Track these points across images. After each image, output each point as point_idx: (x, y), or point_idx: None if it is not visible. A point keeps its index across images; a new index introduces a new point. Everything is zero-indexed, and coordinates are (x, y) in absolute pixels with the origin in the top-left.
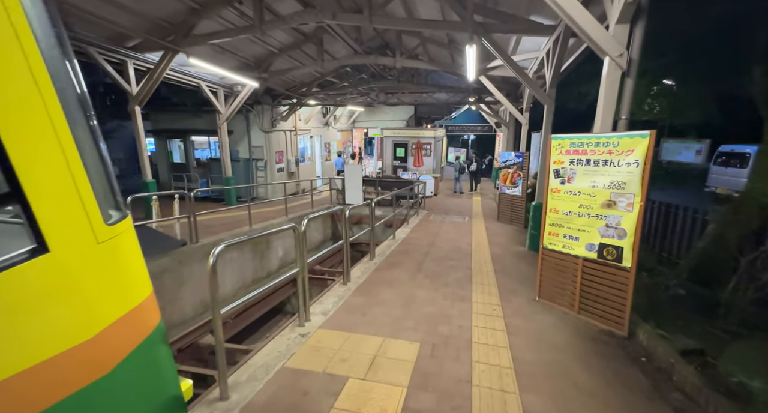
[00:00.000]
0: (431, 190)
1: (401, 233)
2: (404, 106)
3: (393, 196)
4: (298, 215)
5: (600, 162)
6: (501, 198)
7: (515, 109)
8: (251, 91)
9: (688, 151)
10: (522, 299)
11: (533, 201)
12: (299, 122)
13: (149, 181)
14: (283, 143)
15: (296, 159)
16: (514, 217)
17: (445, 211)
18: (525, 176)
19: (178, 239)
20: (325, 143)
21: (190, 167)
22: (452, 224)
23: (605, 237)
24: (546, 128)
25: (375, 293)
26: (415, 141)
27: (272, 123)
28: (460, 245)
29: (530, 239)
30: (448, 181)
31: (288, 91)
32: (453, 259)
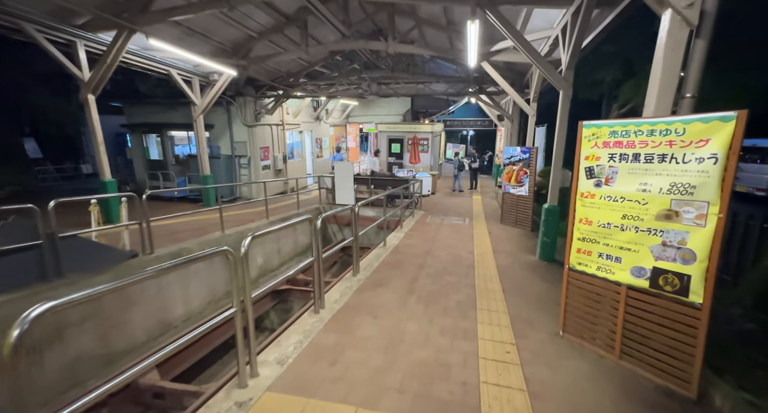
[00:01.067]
0: (428, 188)
1: (393, 238)
2: (400, 100)
3: (385, 196)
4: (282, 217)
5: (655, 157)
6: (504, 198)
7: (521, 99)
8: (229, 80)
9: None
10: (542, 333)
11: (545, 204)
12: (287, 116)
13: (107, 180)
14: (268, 139)
15: (284, 156)
16: (519, 219)
17: (444, 211)
18: (532, 173)
19: (125, 250)
20: (316, 139)
21: (168, 164)
22: (451, 228)
23: (662, 260)
24: (562, 117)
25: (353, 326)
26: (412, 136)
27: (256, 117)
28: (460, 253)
29: (542, 248)
30: (446, 178)
31: (273, 82)
32: (453, 274)
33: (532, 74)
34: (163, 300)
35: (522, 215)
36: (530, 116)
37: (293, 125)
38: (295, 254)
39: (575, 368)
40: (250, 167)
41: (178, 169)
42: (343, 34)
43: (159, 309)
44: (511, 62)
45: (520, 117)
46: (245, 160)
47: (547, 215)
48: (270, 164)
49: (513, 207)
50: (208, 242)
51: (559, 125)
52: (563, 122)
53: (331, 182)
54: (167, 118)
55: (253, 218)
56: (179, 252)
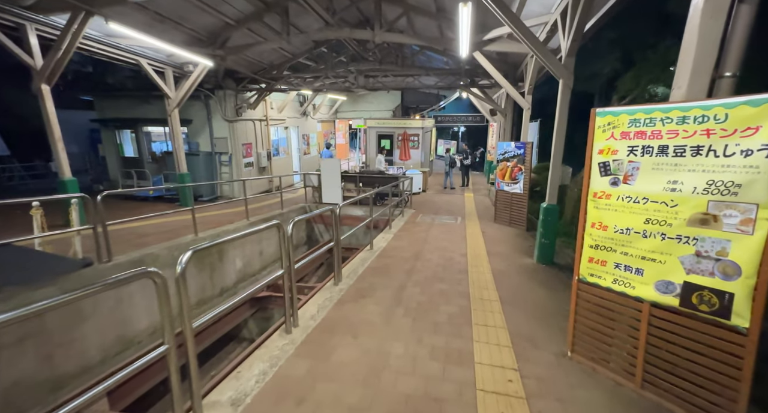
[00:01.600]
0: (419, 186)
1: (381, 240)
2: (390, 95)
3: (372, 196)
4: (264, 218)
5: (687, 150)
6: (498, 196)
7: (516, 91)
8: (205, 72)
9: None
10: (547, 354)
11: (544, 203)
12: (271, 111)
13: (67, 180)
14: (251, 134)
15: (268, 152)
16: (514, 218)
17: (435, 210)
18: (528, 170)
19: (77, 259)
20: (303, 135)
21: (144, 161)
22: (443, 228)
23: (696, 274)
24: (561, 108)
25: (329, 350)
26: (402, 132)
27: (237, 111)
28: (452, 256)
29: (540, 250)
30: (437, 175)
31: (255, 75)
32: (444, 280)
33: (527, 65)
34: (123, 313)
35: (517, 213)
36: (525, 110)
37: (278, 120)
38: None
39: (591, 401)
40: (231, 165)
41: (154, 167)
42: (327, 22)
43: (118, 323)
44: (504, 53)
45: (514, 111)
46: (226, 157)
47: (545, 215)
48: (253, 161)
49: (507, 205)
50: (179, 246)
51: (558, 117)
52: (563, 113)
53: (318, 180)
54: (142, 112)
55: (232, 219)
56: (141, 260)
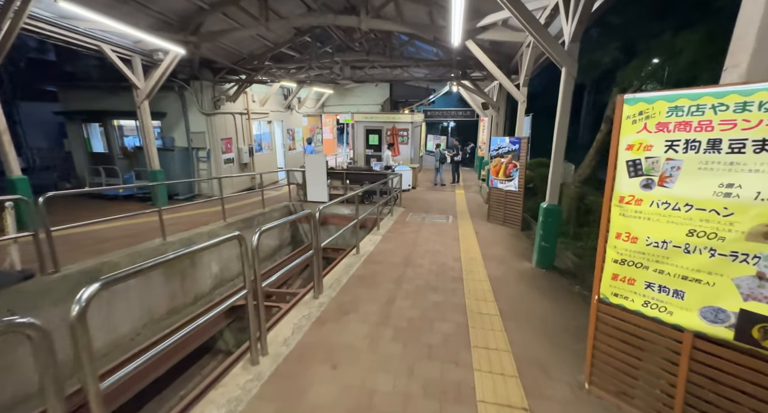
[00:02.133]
0: (409, 182)
1: (368, 243)
2: (378, 89)
3: (360, 194)
4: (243, 219)
5: (749, 145)
6: (491, 194)
7: (510, 83)
8: (177, 61)
9: None
10: (561, 385)
11: (544, 203)
12: (252, 104)
13: (15, 178)
14: (231, 129)
15: (250, 148)
16: (508, 217)
17: (425, 208)
18: (523, 167)
19: (14, 271)
20: (288, 130)
21: (115, 157)
22: (434, 228)
23: (757, 300)
24: (564, 99)
25: (302, 386)
26: (390, 127)
27: (215, 104)
28: (445, 261)
29: (539, 254)
30: (427, 171)
31: (234, 65)
32: (438, 290)
33: (522, 56)
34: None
35: (511, 212)
36: (520, 103)
37: (260, 114)
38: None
39: None
40: (209, 161)
41: (125, 163)
42: (310, 7)
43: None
44: (498, 43)
45: (507, 105)
46: (204, 153)
47: (545, 216)
48: (234, 157)
49: (501, 204)
50: (142, 253)
51: (561, 109)
52: (566, 105)
53: (302, 177)
54: (110, 104)
55: (208, 220)
56: (99, 269)
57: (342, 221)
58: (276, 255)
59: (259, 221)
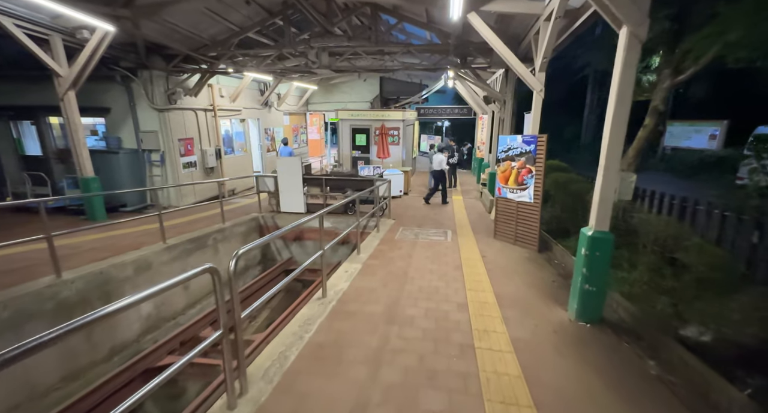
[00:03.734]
0: (400, 188)
1: (342, 277)
2: (367, 85)
3: (322, 217)
4: (192, 239)
5: None
6: (499, 205)
7: (525, 67)
8: (107, 41)
9: (699, 135)
10: None
11: (587, 229)
12: (220, 99)
13: None
14: (192, 127)
15: (217, 150)
16: (521, 234)
17: (419, 220)
18: (541, 173)
19: None
20: (265, 129)
21: (51, 161)
22: (429, 249)
23: None
24: (625, 76)
25: None
26: (379, 125)
27: (170, 98)
28: (447, 310)
29: (581, 300)
30: (421, 174)
31: (192, 52)
32: (436, 378)
33: (538, 34)
34: None
35: (525, 229)
36: (536, 92)
37: (231, 111)
38: None
39: None
40: (163, 166)
41: (62, 168)
42: None
43: None
44: (506, 19)
45: (515, 97)
46: (157, 155)
47: (592, 248)
48: (196, 160)
49: (511, 218)
50: (15, 300)
51: (618, 91)
52: (627, 84)
53: (274, 184)
54: (45, 98)
55: (146, 241)
56: None
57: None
58: (240, 279)
59: (216, 239)
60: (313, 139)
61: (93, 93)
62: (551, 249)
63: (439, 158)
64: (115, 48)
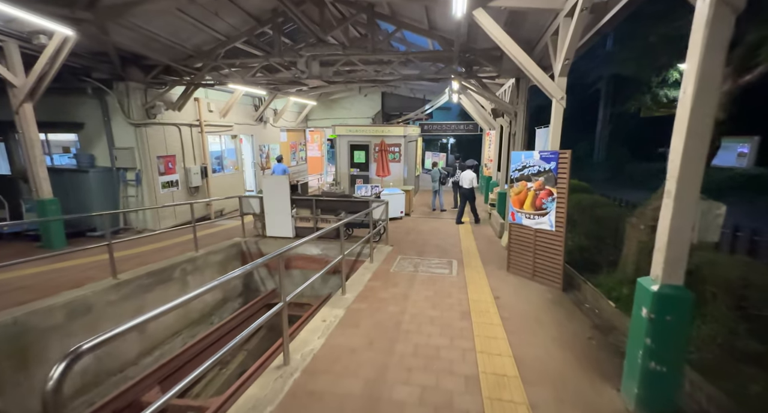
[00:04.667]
0: (401, 208)
1: (317, 329)
2: (368, 101)
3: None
4: (153, 271)
5: None
6: (513, 233)
7: (542, 72)
8: (69, 46)
9: (725, 152)
10: None
11: (650, 280)
12: (209, 114)
13: None
14: (175, 144)
15: (203, 168)
16: (541, 268)
17: (420, 247)
18: (564, 195)
19: None
20: (260, 146)
21: (19, 182)
22: (430, 287)
23: None
24: (709, 57)
25: None
26: (379, 142)
27: (148, 112)
28: (450, 386)
29: (644, 380)
30: (425, 193)
31: (174, 63)
32: None
33: (557, 34)
34: None
35: (546, 262)
36: (556, 100)
37: (221, 126)
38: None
39: None
40: (139, 186)
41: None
42: None
43: None
44: (517, 19)
45: (527, 110)
46: (132, 174)
47: (660, 309)
48: (178, 179)
49: (528, 248)
50: None
51: (700, 74)
52: (711, 68)
53: (260, 205)
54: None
55: (94, 275)
56: None
57: (310, 264)
58: (215, 315)
59: (185, 271)
60: (313, 156)
61: (64, 107)
62: (578, 288)
63: (470, 176)
64: (84, 57)
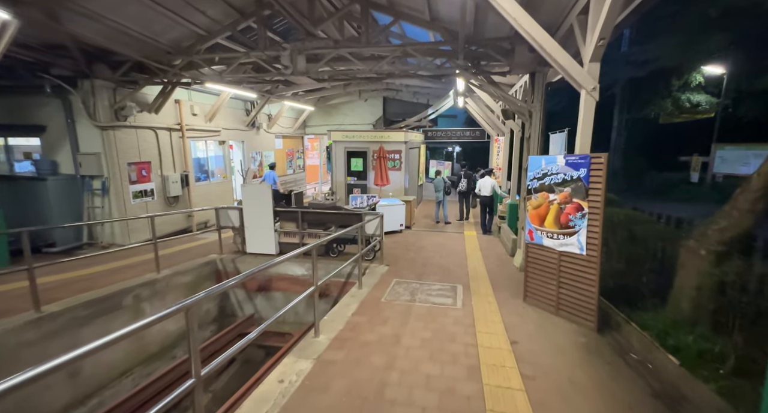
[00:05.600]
0: (401, 222)
1: (273, 392)
2: (369, 106)
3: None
4: (90, 302)
5: None
6: (531, 254)
7: (569, 57)
8: (10, 34)
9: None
10: None
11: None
12: (192, 118)
13: None
14: (151, 149)
15: (184, 175)
16: (567, 301)
17: (419, 268)
18: (600, 211)
19: None
20: (252, 154)
21: None
22: (428, 326)
23: None
24: None
25: None
26: (377, 148)
27: (117, 113)
28: None
29: None
30: (428, 203)
31: (152, 61)
32: None
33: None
34: None
35: (574, 293)
36: (585, 93)
37: (208, 131)
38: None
39: None
40: (106, 196)
41: None
42: None
43: None
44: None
45: (544, 109)
46: (99, 182)
47: None
48: (154, 188)
49: (550, 274)
50: None
51: None
52: None
53: (239, 218)
54: None
55: (17, 306)
56: None
57: (293, 285)
58: (180, 347)
59: (139, 297)
60: (312, 164)
61: (22, 107)
62: (617, 328)
63: (491, 183)
64: (38, 50)
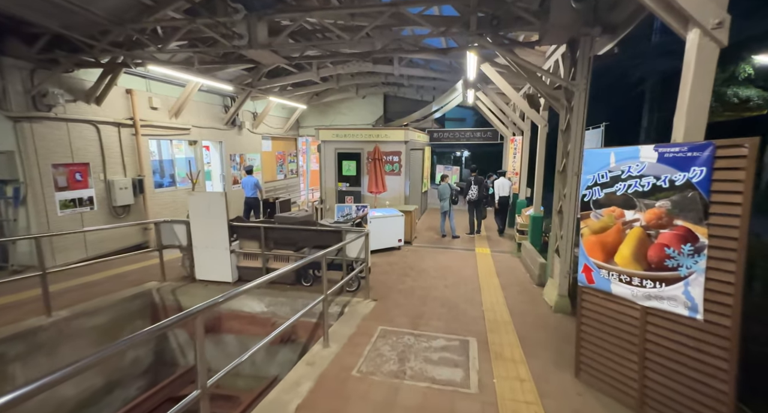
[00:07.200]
0: (399, 236)
1: None
2: (368, 104)
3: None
4: None
5: None
6: (588, 303)
7: None
8: None
9: None
10: None
11: None
12: (151, 112)
13: None
14: (90, 148)
15: (137, 180)
16: (658, 392)
17: (417, 307)
18: (742, 241)
19: None
20: (233, 155)
21: None
22: None
23: None
24: None
25: None
26: (372, 149)
27: (36, 102)
28: None
29: None
30: (433, 211)
31: (76, 35)
32: None
33: None
34: None
35: (673, 382)
36: (699, 33)
37: (173, 129)
38: None
39: None
40: (23, 205)
41: None
42: None
43: None
44: None
45: (587, 88)
46: (10, 189)
47: None
48: (93, 196)
49: (627, 343)
50: None
51: None
52: None
53: (186, 235)
54: None
55: None
56: None
57: (249, 326)
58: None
59: (4, 357)
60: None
61: None
62: None
63: (507, 182)
64: None
